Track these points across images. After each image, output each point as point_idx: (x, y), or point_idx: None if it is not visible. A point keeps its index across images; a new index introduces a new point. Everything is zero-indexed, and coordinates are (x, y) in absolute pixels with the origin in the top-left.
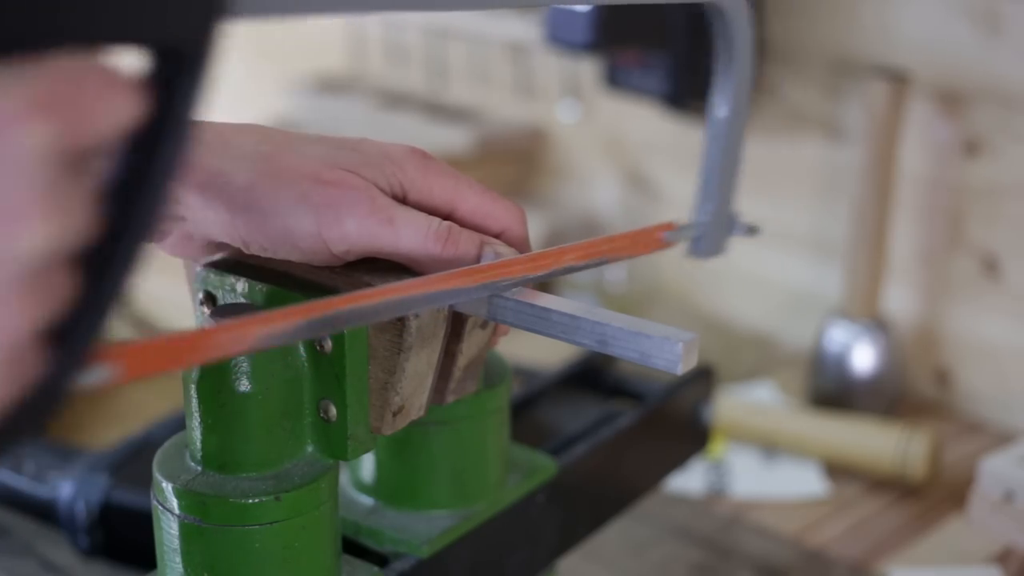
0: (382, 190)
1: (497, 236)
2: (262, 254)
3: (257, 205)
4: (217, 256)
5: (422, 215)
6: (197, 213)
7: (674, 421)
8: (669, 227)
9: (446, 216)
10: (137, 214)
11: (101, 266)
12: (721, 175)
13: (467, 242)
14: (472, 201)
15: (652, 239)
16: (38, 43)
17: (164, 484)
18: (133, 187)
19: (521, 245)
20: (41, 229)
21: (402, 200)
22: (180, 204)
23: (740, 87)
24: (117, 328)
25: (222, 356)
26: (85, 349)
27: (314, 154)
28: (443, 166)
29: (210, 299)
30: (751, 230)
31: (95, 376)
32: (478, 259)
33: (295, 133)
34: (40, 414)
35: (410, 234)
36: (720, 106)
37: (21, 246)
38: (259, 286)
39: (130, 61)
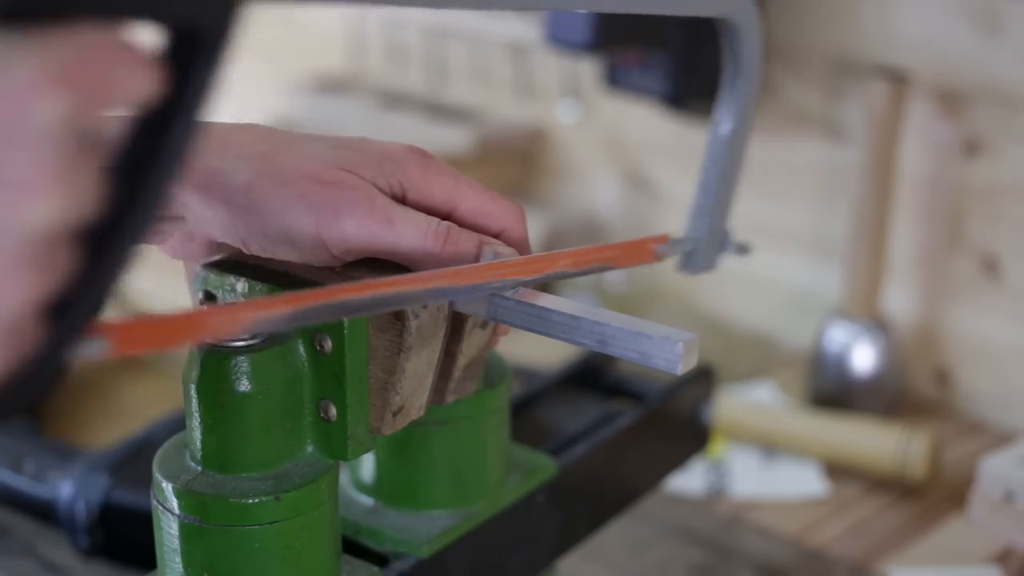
0: (381, 190)
1: (496, 236)
2: (262, 254)
3: (256, 205)
4: (217, 256)
5: (421, 215)
6: (197, 213)
7: (674, 421)
8: (663, 239)
9: (446, 216)
10: (143, 194)
11: (103, 244)
12: (719, 191)
13: (466, 242)
14: (472, 201)
15: (644, 251)
16: (59, 14)
17: (164, 484)
18: (141, 166)
19: (521, 245)
20: (50, 202)
21: (402, 200)
22: (181, 204)
23: (746, 102)
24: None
25: (212, 337)
26: (82, 325)
27: (313, 154)
28: (443, 165)
29: (210, 299)
30: (742, 249)
31: (89, 349)
32: (477, 259)
33: (295, 133)
34: (35, 387)
35: (409, 233)
36: (723, 121)
37: (29, 218)
38: (259, 286)
39: (146, 38)
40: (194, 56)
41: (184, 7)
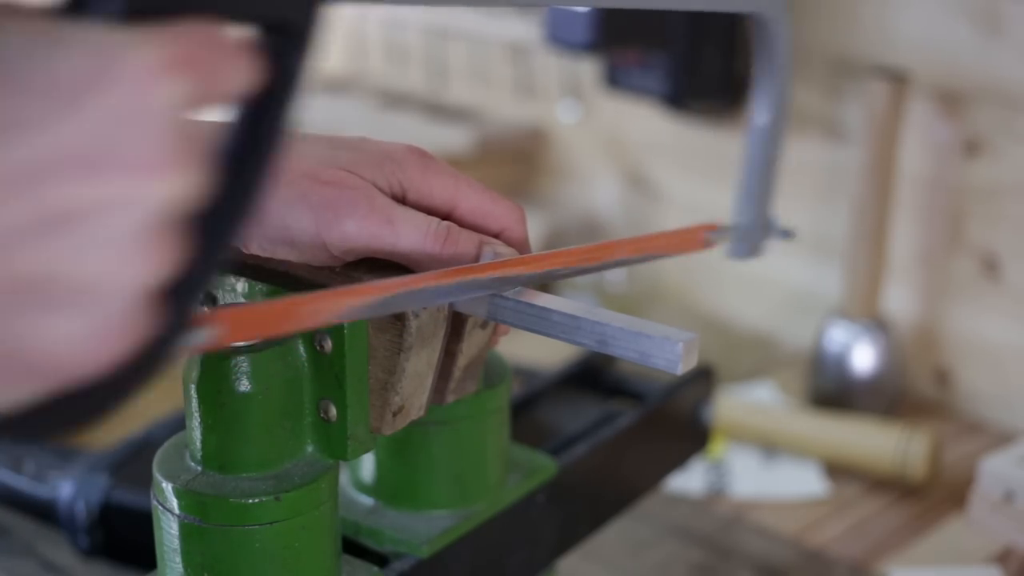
0: (381, 190)
1: (496, 235)
2: (261, 254)
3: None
4: None
5: (421, 215)
6: None
7: (674, 421)
8: (712, 228)
9: (445, 215)
10: (246, 179)
11: (211, 229)
12: (761, 180)
13: (466, 242)
14: (472, 200)
15: (696, 239)
16: (175, 8)
17: (164, 484)
18: (242, 155)
19: (521, 245)
20: (168, 184)
21: (401, 199)
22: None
23: (781, 95)
24: None
25: (315, 324)
26: (193, 310)
27: (313, 154)
28: (443, 165)
29: (210, 299)
30: (787, 234)
31: (200, 337)
32: (477, 259)
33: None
34: (147, 372)
35: (409, 234)
36: (760, 113)
37: (148, 198)
38: (259, 286)
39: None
40: (285, 50)
41: (275, 6)
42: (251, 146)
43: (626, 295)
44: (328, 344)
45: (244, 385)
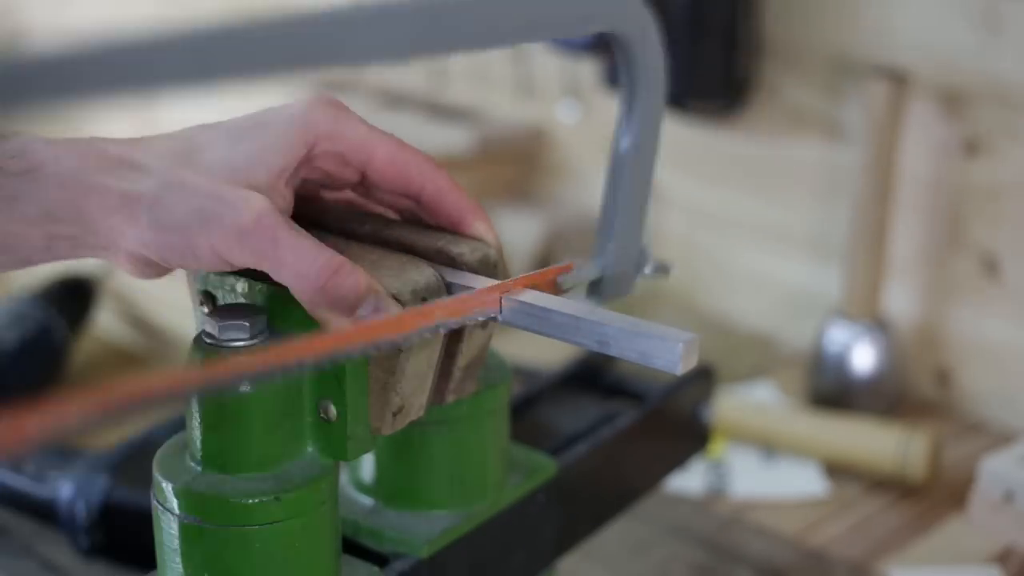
0: (285, 177)
1: (419, 191)
2: (182, 267)
3: (162, 222)
4: None
5: (311, 243)
6: (125, 234)
7: (674, 421)
8: (566, 269)
9: (361, 167)
10: None
11: None
12: (625, 212)
13: (351, 286)
14: (389, 148)
15: (546, 283)
16: None
17: (164, 484)
18: None
19: (450, 192)
20: None
21: (311, 152)
22: (109, 228)
23: (647, 119)
24: (118, 329)
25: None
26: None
27: (213, 162)
28: (356, 116)
29: (210, 299)
30: (662, 268)
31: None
32: (355, 306)
33: (206, 134)
34: None
35: (294, 262)
36: (622, 138)
37: None
38: (259, 286)
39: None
40: None
41: None
42: None
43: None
44: None
45: (244, 385)
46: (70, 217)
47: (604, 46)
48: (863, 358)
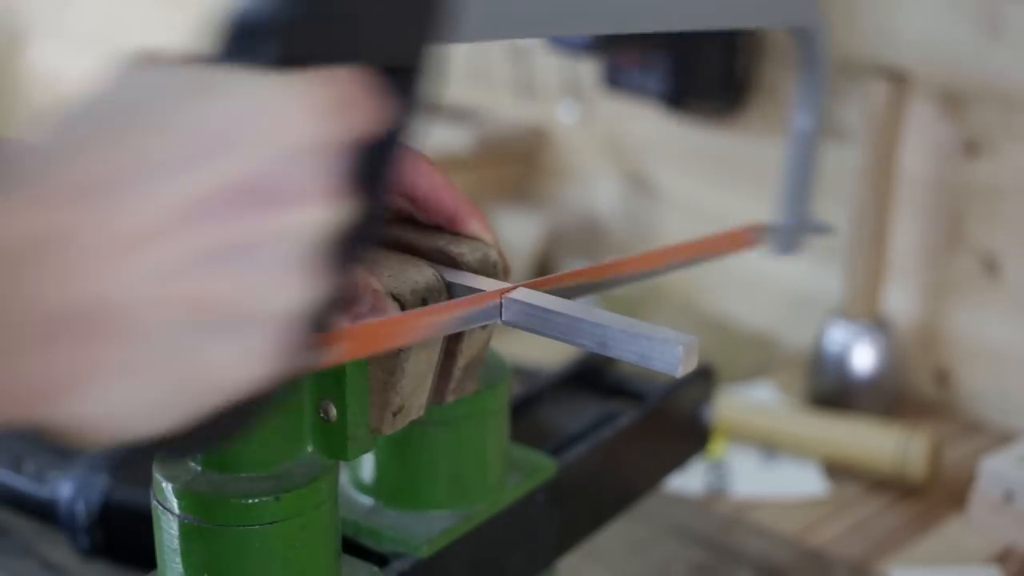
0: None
1: (413, 188)
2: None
3: None
4: None
5: None
6: None
7: (674, 421)
8: (757, 228)
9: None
10: (373, 208)
11: (344, 252)
12: (799, 182)
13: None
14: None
15: (744, 239)
16: (329, 59)
17: (164, 484)
18: (369, 183)
19: (444, 190)
20: (325, 213)
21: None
22: None
23: (820, 102)
24: None
25: (424, 337)
26: (326, 331)
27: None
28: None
29: None
30: (825, 228)
31: (327, 356)
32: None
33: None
34: (285, 388)
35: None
36: (800, 119)
37: (307, 228)
38: None
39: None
40: (406, 87)
41: (399, 53)
42: (376, 175)
43: (627, 295)
44: None
45: None
46: None
47: (604, 46)
48: (863, 358)
